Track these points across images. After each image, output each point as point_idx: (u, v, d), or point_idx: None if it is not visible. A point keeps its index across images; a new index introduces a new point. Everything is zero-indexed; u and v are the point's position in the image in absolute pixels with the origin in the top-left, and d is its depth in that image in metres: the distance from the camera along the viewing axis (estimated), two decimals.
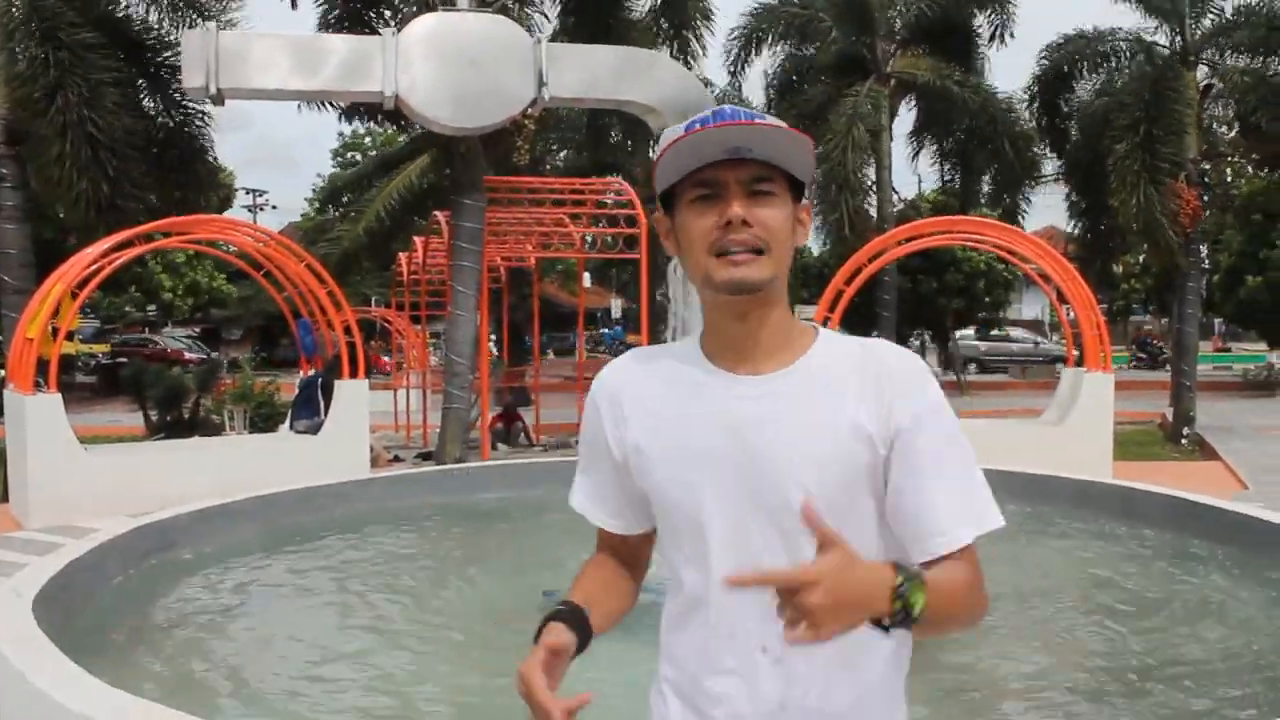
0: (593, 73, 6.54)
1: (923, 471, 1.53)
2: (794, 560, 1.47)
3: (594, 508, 1.76)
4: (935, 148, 21.04)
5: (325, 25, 13.80)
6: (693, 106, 6.34)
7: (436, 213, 15.32)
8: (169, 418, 14.56)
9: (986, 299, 29.17)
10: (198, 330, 40.55)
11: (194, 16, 13.94)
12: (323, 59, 6.16)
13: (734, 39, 20.82)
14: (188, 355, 32.58)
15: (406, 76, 5.96)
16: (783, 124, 1.54)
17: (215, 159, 15.25)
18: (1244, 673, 4.84)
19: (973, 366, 34.37)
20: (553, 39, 9.53)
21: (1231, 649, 5.16)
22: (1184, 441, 15.78)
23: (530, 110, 6.89)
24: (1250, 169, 23.52)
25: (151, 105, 14.70)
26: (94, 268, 10.18)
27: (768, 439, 1.53)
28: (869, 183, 19.76)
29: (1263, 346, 34.35)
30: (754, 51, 20.89)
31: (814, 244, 23.45)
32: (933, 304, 27.84)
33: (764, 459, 1.53)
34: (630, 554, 1.79)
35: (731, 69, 21.06)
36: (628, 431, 1.65)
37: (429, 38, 6.09)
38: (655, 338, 14.52)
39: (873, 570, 1.38)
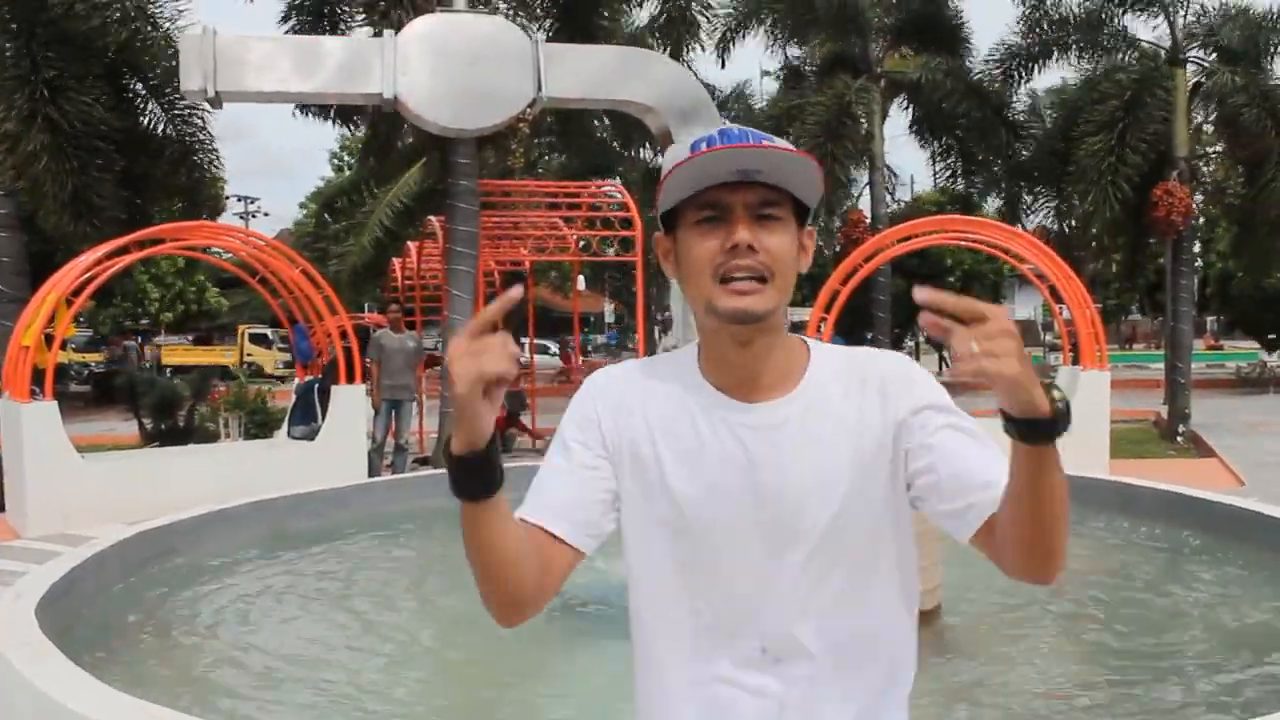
0: (591, 73, 6.50)
1: (950, 447, 1.49)
2: (811, 580, 1.51)
3: (543, 509, 1.54)
4: (934, 147, 21.01)
5: (288, 18, 13.60)
6: (690, 105, 6.32)
7: (431, 217, 15.30)
8: (163, 426, 14.49)
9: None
10: (190, 338, 40.39)
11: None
12: (321, 61, 6.12)
13: (725, 21, 20.62)
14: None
15: (406, 78, 5.91)
16: (791, 147, 1.49)
17: (214, 166, 15.18)
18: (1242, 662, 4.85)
19: None
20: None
21: (1235, 641, 5.18)
22: (1179, 439, 15.79)
23: (529, 111, 6.89)
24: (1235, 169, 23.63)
25: (152, 113, 14.64)
26: (88, 275, 10.15)
27: (782, 474, 1.51)
28: (863, 183, 19.82)
29: (1255, 344, 34.49)
30: (742, 36, 20.72)
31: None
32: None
33: (780, 494, 1.51)
34: (546, 560, 1.52)
35: (719, 51, 20.80)
36: (633, 438, 1.57)
37: (428, 39, 6.05)
38: (650, 340, 14.45)
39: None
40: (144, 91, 14.49)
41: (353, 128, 15.71)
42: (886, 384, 1.55)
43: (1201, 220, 24.40)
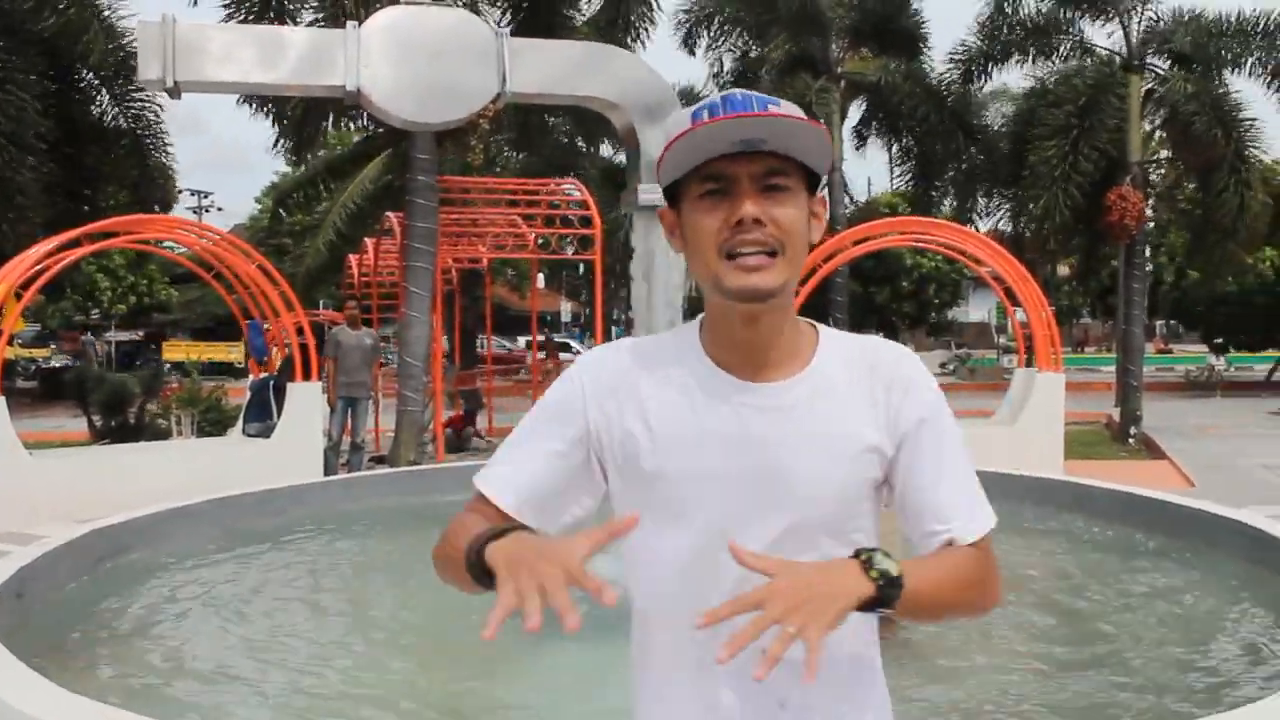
0: (555, 68, 6.49)
1: (926, 471, 1.51)
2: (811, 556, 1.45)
3: (509, 490, 1.51)
4: (891, 148, 21.25)
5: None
6: (655, 102, 6.33)
7: (389, 214, 15.19)
8: (113, 423, 14.27)
9: (936, 301, 29.65)
10: (141, 334, 39.77)
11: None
12: (283, 52, 6.06)
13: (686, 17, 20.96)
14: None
15: (368, 70, 5.87)
16: (798, 111, 1.44)
17: (165, 157, 14.95)
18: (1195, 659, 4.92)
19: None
20: None
21: (1189, 637, 5.25)
22: (1131, 441, 16.01)
23: (492, 105, 6.85)
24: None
25: (103, 103, 14.39)
26: (38, 268, 9.95)
27: (782, 455, 1.47)
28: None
29: (1204, 348, 35.05)
30: (705, 30, 21.01)
31: None
32: (884, 310, 28.29)
33: (778, 475, 1.47)
34: None
35: (686, 44, 21.15)
36: (622, 420, 1.51)
37: (391, 31, 6.01)
38: (608, 339, 14.40)
39: (828, 561, 1.38)
40: (96, 82, 14.25)
41: (275, 120, 15.38)
42: (893, 379, 1.53)
43: (1153, 225, 24.78)
